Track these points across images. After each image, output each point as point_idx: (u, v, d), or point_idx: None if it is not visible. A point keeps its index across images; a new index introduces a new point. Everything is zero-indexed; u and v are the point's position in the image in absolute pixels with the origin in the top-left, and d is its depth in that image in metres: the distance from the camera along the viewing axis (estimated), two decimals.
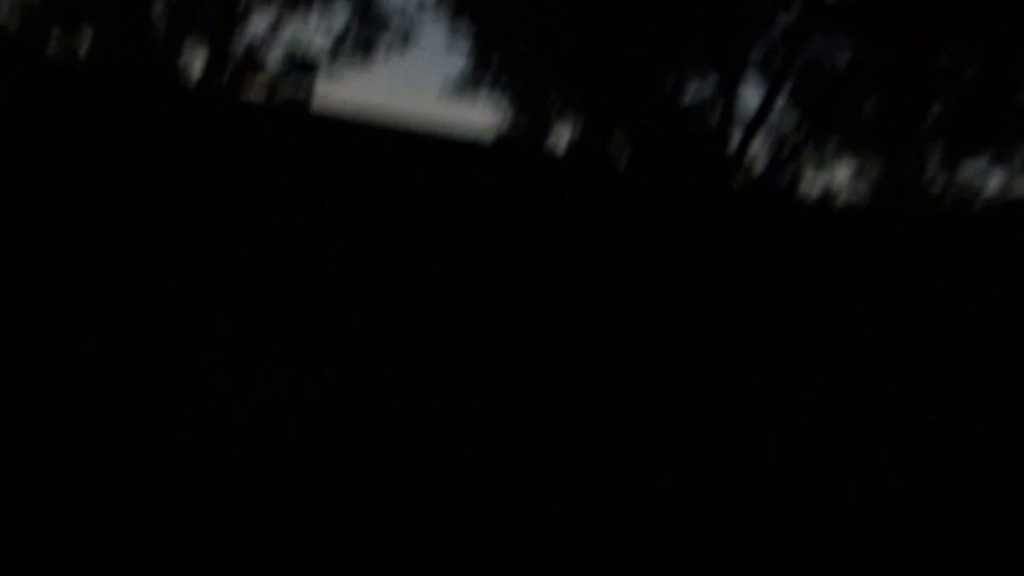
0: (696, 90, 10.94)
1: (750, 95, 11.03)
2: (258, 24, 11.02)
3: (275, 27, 10.98)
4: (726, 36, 10.75)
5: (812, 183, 10.83)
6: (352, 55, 11.17)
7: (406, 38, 11.24)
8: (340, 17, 11.20)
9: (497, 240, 8.47)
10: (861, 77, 10.84)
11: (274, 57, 11.02)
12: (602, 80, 11.02)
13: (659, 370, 6.17)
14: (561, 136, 11.03)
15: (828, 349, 7.06)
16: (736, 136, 10.68)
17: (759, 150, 10.61)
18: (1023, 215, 9.48)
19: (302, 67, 11.00)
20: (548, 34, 11.17)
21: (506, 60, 11.27)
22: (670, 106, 10.60)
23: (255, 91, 10.97)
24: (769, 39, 10.89)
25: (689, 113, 10.62)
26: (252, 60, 10.98)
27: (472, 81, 11.36)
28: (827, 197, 10.44)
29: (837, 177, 10.88)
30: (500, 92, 11.37)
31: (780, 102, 11.22)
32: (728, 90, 10.74)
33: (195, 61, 10.43)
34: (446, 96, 11.47)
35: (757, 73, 11.11)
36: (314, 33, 10.94)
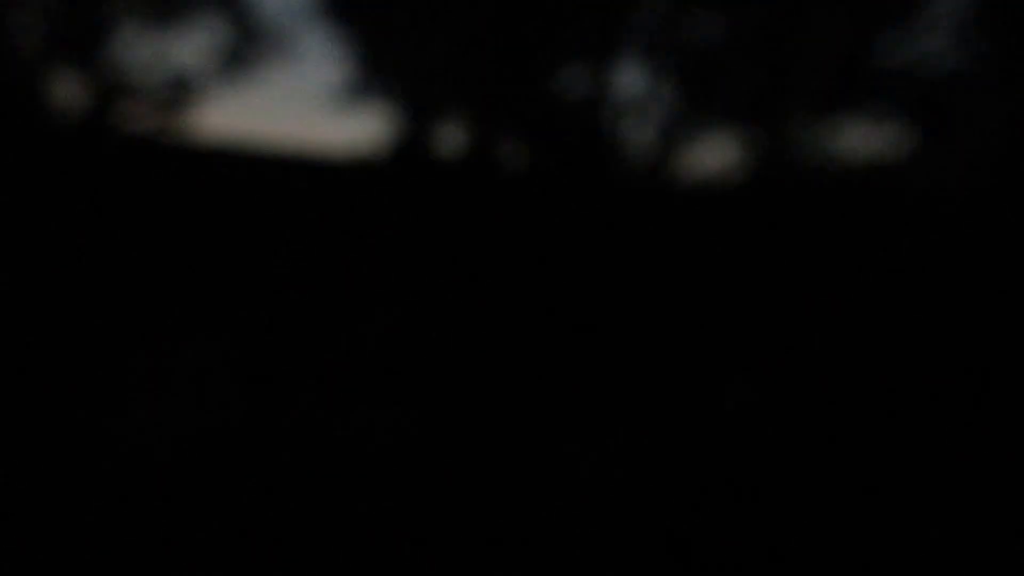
0: (576, 82, 10.98)
1: (632, 80, 11.11)
2: (126, 43, 10.69)
3: (144, 45, 10.66)
4: (600, 22, 10.81)
5: (696, 164, 10.99)
6: (228, 71, 10.93)
7: (286, 49, 11.06)
8: (215, 31, 10.94)
9: (387, 258, 8.41)
10: (738, 53, 11.02)
11: (144, 78, 10.71)
12: (486, 79, 11.00)
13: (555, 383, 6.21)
14: (451, 141, 10.98)
15: (718, 340, 7.19)
16: (621, 124, 10.77)
17: (643, 136, 10.72)
18: (888, 184, 9.76)
19: (174, 88, 10.74)
20: (432, 35, 11.09)
21: (391, 65, 11.16)
22: (550, 100, 10.64)
23: (123, 117, 10.66)
24: (644, 21, 10.98)
25: (571, 106, 10.67)
26: (120, 83, 10.66)
27: (356, 90, 11.23)
28: (708, 179, 10.61)
29: (719, 156, 11.09)
30: (385, 99, 11.27)
31: (660, 84, 11.34)
32: (607, 78, 10.82)
33: (55, 85, 10.08)
34: (330, 108, 11.32)
35: (637, 57, 11.20)
36: (187, 50, 10.67)
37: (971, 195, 11.13)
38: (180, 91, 11.09)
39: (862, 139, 10.73)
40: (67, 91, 10.29)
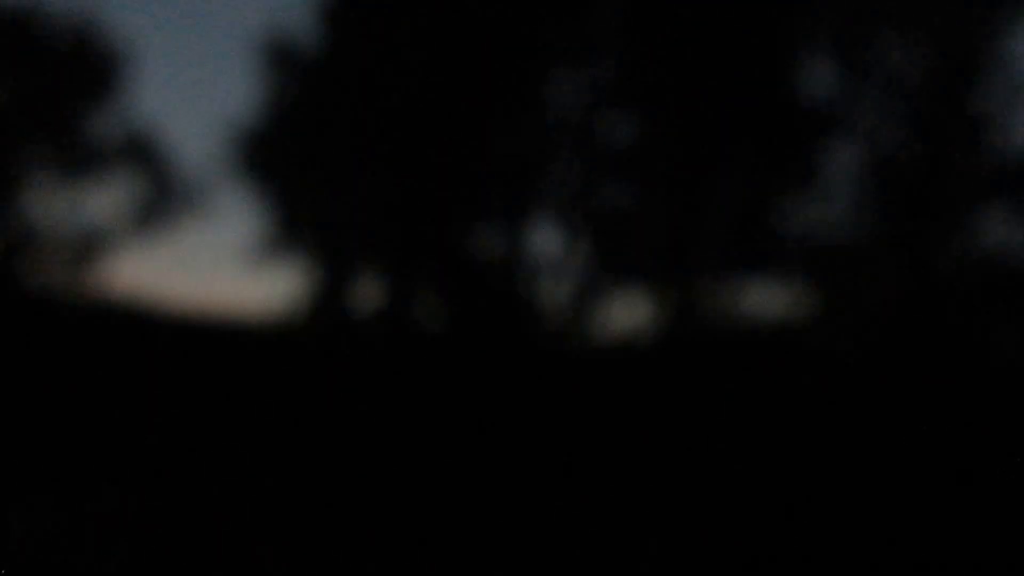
0: (493, 242, 11.24)
1: (547, 242, 11.40)
2: (34, 196, 10.47)
3: (53, 198, 10.47)
4: (517, 186, 11.20)
5: (610, 323, 11.23)
6: (142, 225, 10.79)
7: (202, 204, 11.01)
8: (130, 185, 10.84)
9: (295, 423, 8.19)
10: (648, 216, 11.51)
11: (54, 231, 10.46)
12: (403, 237, 11.15)
13: None
14: (367, 298, 11.00)
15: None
16: (536, 283, 11.00)
17: (557, 296, 10.95)
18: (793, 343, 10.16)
19: (84, 241, 10.51)
20: (349, 193, 11.26)
21: (307, 222, 11.24)
22: (468, 260, 10.83)
23: (30, 269, 10.34)
24: (559, 186, 11.42)
25: (487, 266, 10.87)
26: (28, 235, 10.38)
27: (271, 246, 11.22)
28: (622, 337, 10.84)
29: (630, 314, 11.37)
30: (301, 255, 11.28)
31: (574, 246, 11.68)
32: (524, 240, 11.11)
33: None
34: (244, 263, 11.25)
35: (553, 220, 11.56)
36: (100, 203, 10.53)
37: (866, 354, 11.66)
38: (90, 245, 10.88)
39: (764, 299, 11.22)
40: None
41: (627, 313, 11.86)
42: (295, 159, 10.92)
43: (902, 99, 10.10)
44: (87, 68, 10.81)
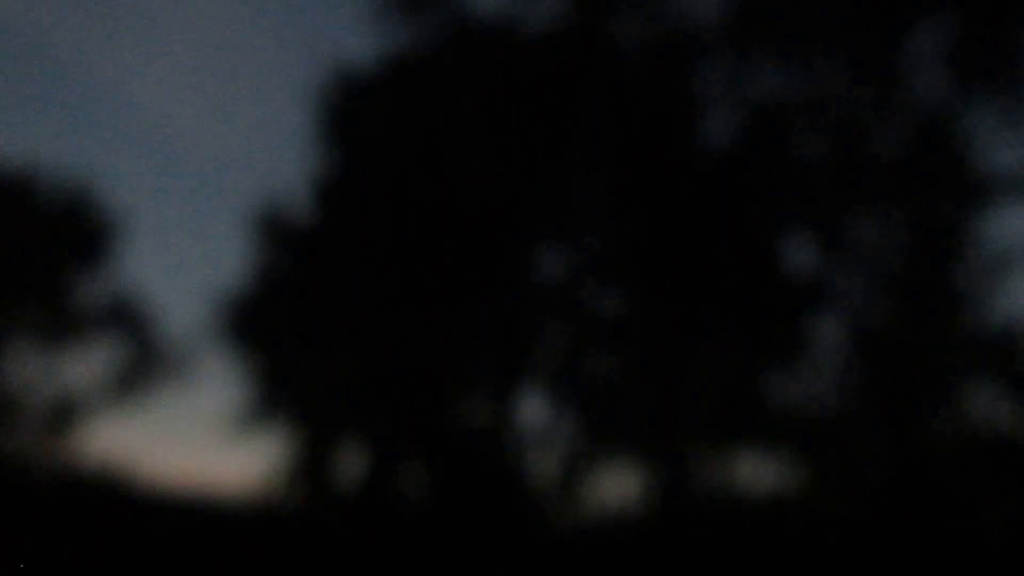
0: (480, 411, 11.12)
1: (535, 412, 11.33)
2: (17, 365, 10.25)
3: (35, 366, 10.26)
4: (505, 356, 11.19)
5: (597, 493, 11.01)
6: (122, 392, 10.57)
7: (184, 371, 10.85)
8: (110, 351, 10.69)
9: None
10: (634, 387, 11.49)
11: (36, 402, 10.17)
12: (388, 407, 11.01)
13: None
14: (351, 469, 10.73)
15: None
16: (524, 454, 10.82)
17: (545, 467, 10.76)
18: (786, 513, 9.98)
19: (60, 409, 10.23)
20: (334, 361, 11.18)
21: (291, 390, 11.08)
22: (456, 430, 10.68)
23: (13, 443, 10.01)
24: (548, 357, 11.42)
25: (475, 436, 10.72)
26: (10, 407, 10.09)
27: (255, 414, 11.01)
28: (612, 509, 10.59)
29: (619, 485, 11.20)
30: (284, 424, 11.06)
31: (563, 416, 11.58)
32: (512, 409, 11.01)
33: None
34: (225, 433, 10.99)
35: (541, 390, 11.50)
36: (80, 371, 10.33)
37: (855, 525, 11.45)
38: (67, 412, 10.61)
39: (753, 470, 11.07)
40: None
41: (616, 484, 11.66)
42: (281, 327, 10.87)
43: (885, 274, 10.35)
44: (79, 233, 10.87)
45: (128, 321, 10.97)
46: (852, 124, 10.11)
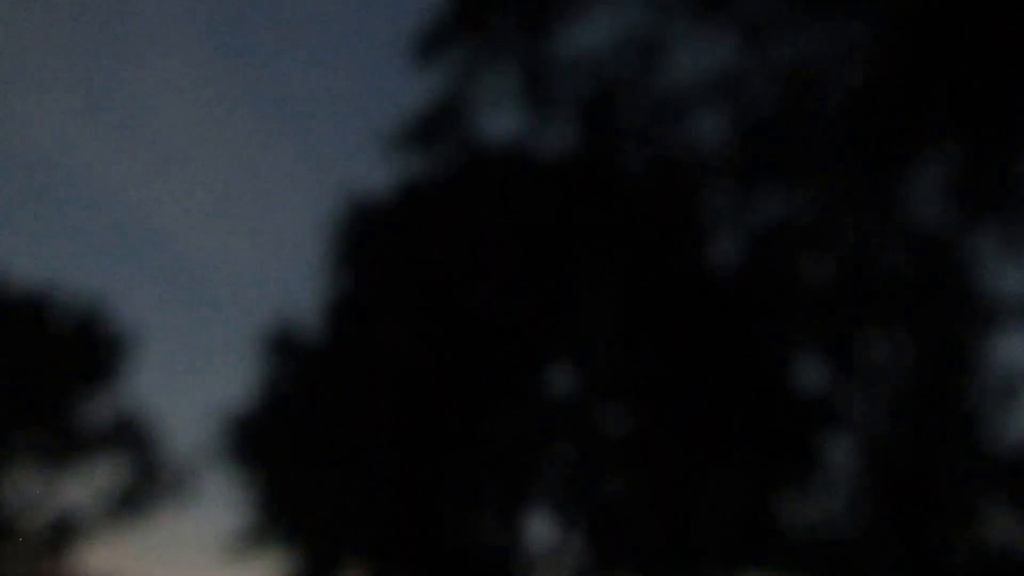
0: (487, 532, 10.96)
1: (543, 532, 11.18)
2: (16, 485, 10.07)
3: (36, 487, 10.10)
4: (512, 476, 11.07)
5: None
6: (124, 515, 10.37)
7: (185, 492, 10.68)
8: (112, 470, 10.54)
9: None
10: (644, 508, 11.33)
11: (34, 522, 9.97)
12: (392, 526, 10.85)
13: None
14: None
15: None
16: (535, 574, 10.62)
17: None
18: None
19: (58, 530, 10.02)
20: (336, 484, 11.05)
21: (293, 511, 10.91)
22: (460, 547, 10.50)
23: (9, 563, 9.78)
24: (556, 477, 11.31)
25: (479, 552, 10.54)
26: (7, 527, 9.88)
27: (257, 535, 10.82)
28: None
29: None
30: (287, 545, 10.86)
31: (571, 537, 11.42)
32: (519, 530, 10.85)
33: None
34: (226, 554, 10.77)
35: (548, 510, 11.36)
36: (82, 492, 10.17)
37: None
38: (65, 532, 10.40)
39: None
40: None
41: None
42: (286, 447, 10.76)
43: (895, 396, 10.32)
44: (89, 354, 10.89)
45: (132, 440, 10.87)
46: (859, 248, 10.23)
